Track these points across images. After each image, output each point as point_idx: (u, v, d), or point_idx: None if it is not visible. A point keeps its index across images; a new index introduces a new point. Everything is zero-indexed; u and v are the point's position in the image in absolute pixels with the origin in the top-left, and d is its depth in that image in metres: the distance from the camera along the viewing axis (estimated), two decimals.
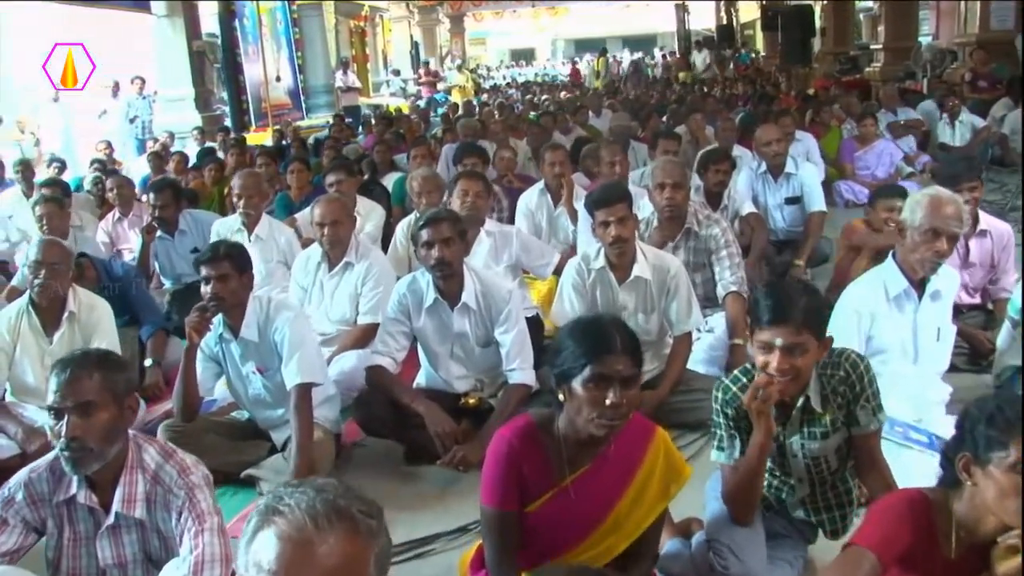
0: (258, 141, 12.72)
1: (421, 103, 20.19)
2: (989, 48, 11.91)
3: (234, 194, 5.38)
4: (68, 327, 4.02)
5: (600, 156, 6.12)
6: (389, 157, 8.35)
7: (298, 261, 4.82)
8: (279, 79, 18.06)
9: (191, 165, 9.27)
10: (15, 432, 3.79)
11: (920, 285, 3.31)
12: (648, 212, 4.62)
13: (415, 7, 30.91)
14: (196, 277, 3.59)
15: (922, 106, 10.45)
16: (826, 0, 19.15)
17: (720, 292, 4.38)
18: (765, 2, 23.73)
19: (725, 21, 29.78)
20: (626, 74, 27.82)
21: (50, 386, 2.18)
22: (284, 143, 11.70)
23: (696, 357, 4.11)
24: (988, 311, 4.48)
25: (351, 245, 4.56)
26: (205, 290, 3.43)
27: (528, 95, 21.72)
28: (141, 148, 12.74)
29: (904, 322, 3.32)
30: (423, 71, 26.15)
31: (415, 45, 30.82)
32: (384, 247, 5.53)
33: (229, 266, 3.43)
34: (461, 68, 28.23)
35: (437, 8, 31.89)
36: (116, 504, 2.24)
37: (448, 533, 3.13)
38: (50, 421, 2.20)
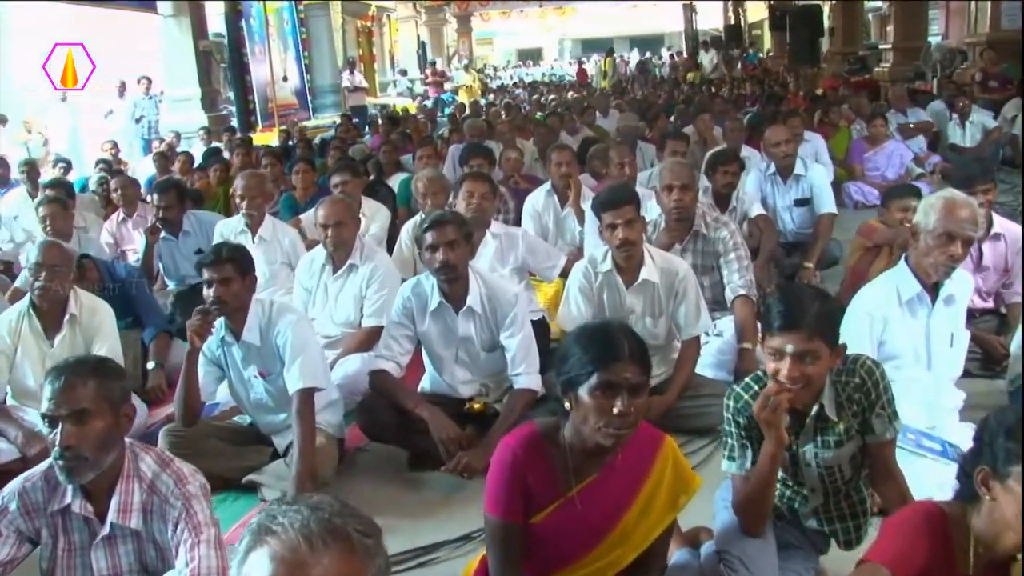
0: (264, 141, 12.73)
1: (428, 103, 20.16)
2: (999, 48, 11.79)
3: (236, 195, 5.34)
4: (69, 330, 3.99)
5: (609, 157, 6.07)
6: (395, 158, 8.30)
7: (302, 263, 4.78)
8: (286, 79, 18.09)
9: (196, 165, 9.25)
10: (15, 436, 3.76)
11: (933, 289, 3.25)
12: (655, 214, 4.56)
13: (422, 7, 30.88)
14: (200, 279, 3.55)
15: (932, 106, 10.36)
16: (835, 0, 19.05)
17: (729, 295, 4.32)
18: (773, 2, 23.66)
19: (733, 21, 29.74)
20: (632, 74, 27.75)
21: (44, 393, 2.14)
22: (290, 143, 11.67)
23: (704, 361, 4.06)
24: (1001, 315, 4.42)
25: (355, 247, 4.51)
26: (207, 293, 3.40)
27: (535, 95, 21.65)
28: (147, 148, 12.76)
29: (917, 327, 3.26)
30: (430, 71, 26.16)
31: (422, 45, 30.79)
32: (389, 248, 5.48)
33: (232, 269, 3.39)
34: (468, 68, 28.29)
35: (444, 8, 31.84)
36: (112, 514, 2.20)
37: (452, 541, 3.08)
38: (45, 429, 2.16)
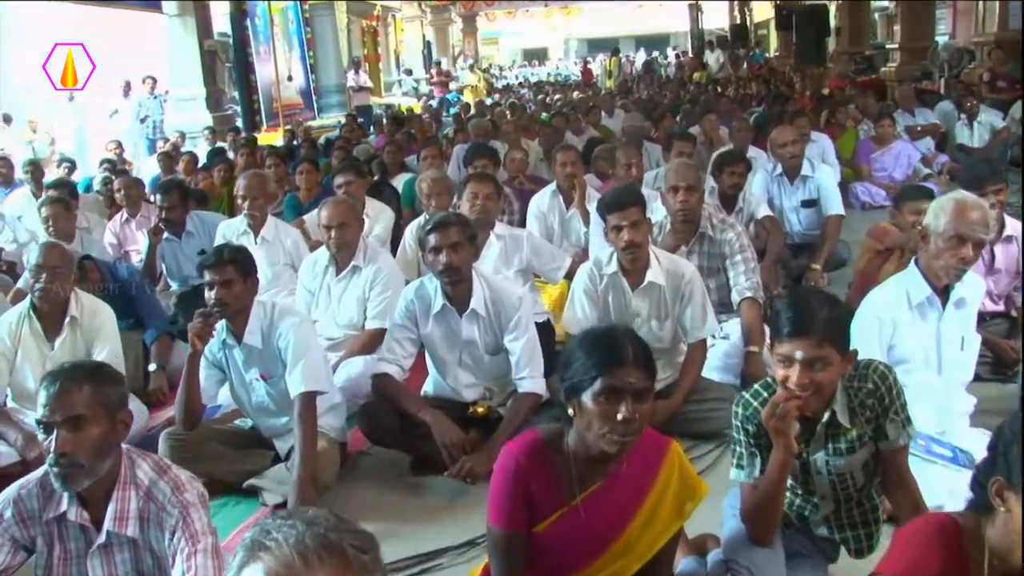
0: (269, 141, 12.69)
1: (433, 103, 20.15)
2: (1007, 48, 11.73)
3: (238, 195, 5.31)
4: (70, 332, 3.96)
5: (616, 158, 6.02)
6: (400, 158, 8.25)
7: (305, 264, 4.74)
8: (291, 79, 18.07)
9: (201, 165, 9.22)
10: (15, 439, 3.73)
11: (944, 292, 3.20)
12: (661, 216, 4.51)
13: (427, 7, 30.86)
14: (203, 280, 3.52)
15: (940, 106, 10.32)
16: None
17: (735, 298, 4.28)
18: (779, 1, 23.56)
19: (739, 20, 29.66)
20: (638, 74, 27.70)
21: (39, 399, 2.10)
22: (295, 143, 11.64)
23: (711, 364, 4.02)
24: (1012, 318, 4.35)
25: (359, 248, 4.47)
26: (209, 295, 3.37)
27: (540, 95, 21.61)
28: (152, 148, 12.74)
29: (927, 331, 3.21)
30: (435, 71, 26.15)
31: (427, 45, 30.79)
32: (393, 249, 5.45)
33: (233, 271, 3.36)
34: (473, 68, 28.26)
35: (449, 8, 31.84)
36: (108, 522, 2.16)
37: (455, 548, 3.04)
38: (40, 435, 2.12)
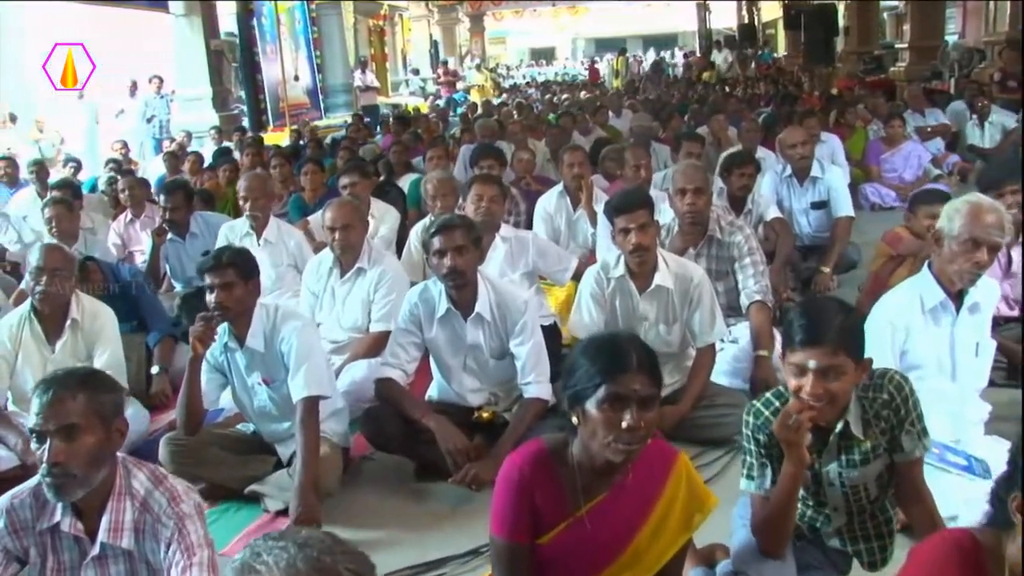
0: (276, 141, 12.69)
1: (440, 103, 20.09)
2: (1018, 47, 11.62)
3: (240, 196, 5.27)
4: (71, 335, 3.92)
5: (624, 159, 5.97)
6: (405, 158, 8.21)
7: (309, 266, 4.69)
8: (297, 78, 18.06)
9: (206, 165, 9.19)
10: (15, 443, 3.69)
11: (958, 297, 3.13)
12: (669, 218, 4.45)
13: (434, 6, 30.81)
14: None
15: (952, 107, 10.23)
16: None
17: (744, 301, 4.21)
18: (787, 1, 23.45)
19: (747, 20, 29.55)
20: (645, 74, 27.60)
21: (32, 407, 2.05)
22: (301, 143, 11.61)
23: (719, 369, 3.96)
24: None
25: (364, 250, 4.42)
26: (210, 298, 3.32)
27: (548, 95, 21.54)
28: (158, 148, 12.75)
29: (941, 336, 3.14)
30: (442, 70, 26.11)
31: (434, 44, 30.73)
32: (399, 251, 5.40)
33: (234, 274, 3.32)
34: (480, 67, 28.21)
35: (457, 7, 31.77)
36: (102, 533, 2.10)
37: (459, 556, 2.99)
38: (33, 444, 2.07)
